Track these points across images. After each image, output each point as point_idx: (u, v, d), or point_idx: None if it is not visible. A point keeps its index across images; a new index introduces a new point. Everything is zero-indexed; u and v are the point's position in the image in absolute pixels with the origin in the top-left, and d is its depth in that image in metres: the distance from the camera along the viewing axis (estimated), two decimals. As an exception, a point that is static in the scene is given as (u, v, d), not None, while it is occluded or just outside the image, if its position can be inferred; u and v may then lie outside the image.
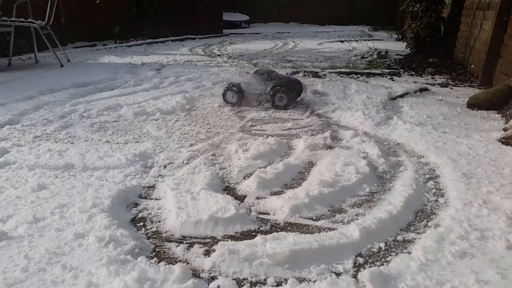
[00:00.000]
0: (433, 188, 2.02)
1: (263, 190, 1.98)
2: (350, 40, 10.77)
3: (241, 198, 1.93)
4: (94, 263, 1.39)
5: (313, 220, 1.72)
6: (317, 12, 18.75)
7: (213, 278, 1.35)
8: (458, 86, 4.66)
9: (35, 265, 1.38)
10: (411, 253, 1.47)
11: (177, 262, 1.41)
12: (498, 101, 3.43)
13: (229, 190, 2.04)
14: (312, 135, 2.82)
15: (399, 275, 1.33)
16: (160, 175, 2.18)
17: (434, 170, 2.24)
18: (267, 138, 2.66)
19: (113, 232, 1.56)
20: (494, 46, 4.38)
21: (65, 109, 3.49)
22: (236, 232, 1.63)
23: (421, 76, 5.34)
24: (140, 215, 1.79)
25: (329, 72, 5.49)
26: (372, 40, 10.82)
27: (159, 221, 1.73)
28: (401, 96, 4.06)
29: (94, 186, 1.98)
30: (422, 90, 4.28)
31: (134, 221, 1.74)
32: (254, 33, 13.74)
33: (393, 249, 1.52)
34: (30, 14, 6.02)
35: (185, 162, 2.37)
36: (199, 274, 1.37)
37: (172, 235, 1.62)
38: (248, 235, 1.61)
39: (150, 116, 3.32)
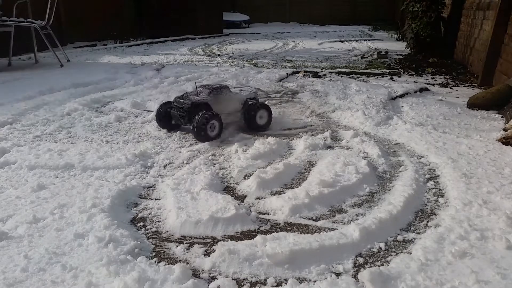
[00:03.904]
0: (433, 188, 2.02)
1: (263, 190, 1.98)
2: (350, 40, 10.77)
3: (241, 198, 1.93)
4: (94, 263, 1.39)
5: (313, 220, 1.72)
6: (317, 12, 18.76)
7: (213, 278, 1.35)
8: (458, 86, 4.66)
9: (35, 265, 1.38)
10: (411, 253, 1.47)
11: (177, 262, 1.41)
12: (498, 101, 3.43)
13: (229, 190, 2.04)
14: (312, 135, 2.82)
15: (399, 275, 1.33)
16: (160, 175, 2.18)
17: (434, 170, 2.24)
18: (267, 138, 2.66)
19: (113, 232, 1.56)
20: (494, 46, 4.38)
21: (65, 109, 3.49)
22: (236, 232, 1.63)
23: (421, 76, 5.33)
24: (140, 215, 1.78)
25: (329, 72, 5.49)
26: (372, 40, 10.81)
27: (159, 221, 1.73)
28: (401, 96, 4.05)
29: (94, 186, 1.98)
30: (422, 90, 4.28)
31: (134, 221, 1.74)
32: (254, 33, 13.74)
33: (393, 249, 1.52)
34: (30, 14, 6.01)
35: (185, 162, 2.37)
36: (199, 274, 1.37)
37: (172, 235, 1.62)
38: (248, 235, 1.61)
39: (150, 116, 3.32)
